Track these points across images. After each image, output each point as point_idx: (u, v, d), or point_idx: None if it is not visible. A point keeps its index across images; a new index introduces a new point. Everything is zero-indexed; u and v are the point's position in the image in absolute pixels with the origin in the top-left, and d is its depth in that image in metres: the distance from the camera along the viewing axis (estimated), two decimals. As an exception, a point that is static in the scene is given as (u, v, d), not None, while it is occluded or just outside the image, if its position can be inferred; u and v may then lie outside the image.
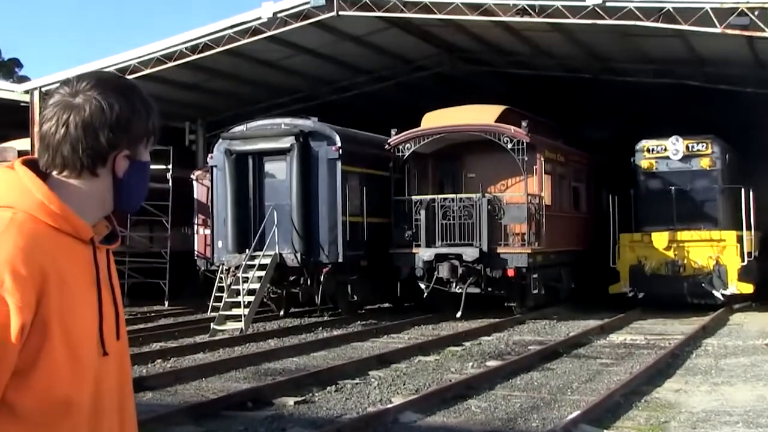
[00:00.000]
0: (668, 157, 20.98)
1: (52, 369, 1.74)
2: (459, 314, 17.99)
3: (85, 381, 1.80)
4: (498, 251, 18.35)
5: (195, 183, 23.17)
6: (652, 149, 21.16)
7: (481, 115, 19.51)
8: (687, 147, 20.83)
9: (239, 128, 19.57)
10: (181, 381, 11.05)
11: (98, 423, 1.84)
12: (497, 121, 19.08)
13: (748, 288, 19.76)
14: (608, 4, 16.86)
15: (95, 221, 1.91)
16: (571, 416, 8.33)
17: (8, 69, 48.15)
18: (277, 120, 19.71)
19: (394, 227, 19.45)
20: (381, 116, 23.86)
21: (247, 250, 18.19)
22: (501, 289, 18.85)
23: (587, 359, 12.99)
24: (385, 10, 18.90)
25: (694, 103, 24.01)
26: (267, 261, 17.84)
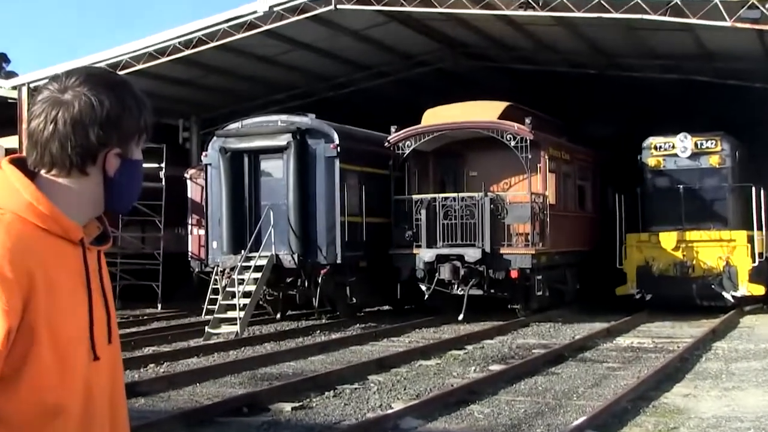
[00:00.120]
0: (676, 155, 20.98)
1: (40, 375, 1.74)
2: (461, 317, 18.01)
3: (75, 387, 1.80)
4: (501, 252, 18.36)
5: (189, 182, 23.17)
6: (660, 146, 21.16)
7: (484, 111, 19.52)
8: (696, 144, 20.83)
9: (234, 125, 19.57)
10: (174, 386, 11.06)
11: (89, 430, 1.83)
12: (500, 117, 19.08)
13: (759, 289, 19.77)
14: (614, -4, 16.89)
15: (85, 222, 1.90)
16: (576, 422, 8.34)
17: (-5, 64, 48.13)
18: (274, 117, 19.71)
19: (394, 227, 19.45)
20: (380, 113, 23.85)
21: (243, 251, 18.18)
22: (504, 291, 18.87)
23: (593, 363, 12.99)
24: (385, 4, 18.91)
25: (703, 99, 24.02)
26: (263, 262, 17.84)
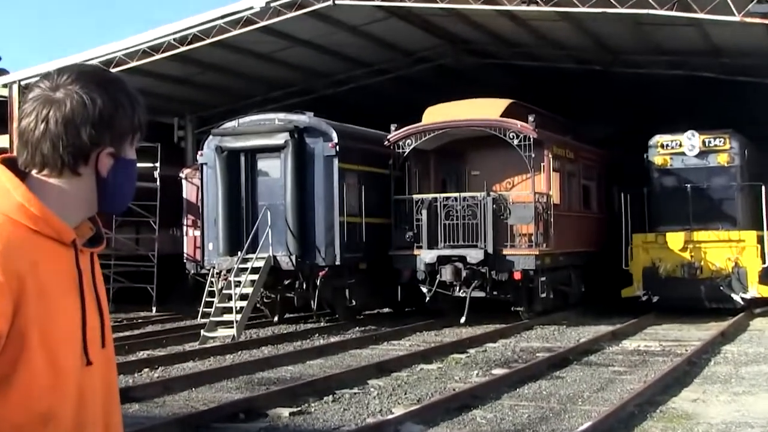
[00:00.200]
0: (684, 153, 20.97)
1: (31, 381, 1.73)
2: (463, 320, 18.01)
3: (67, 393, 1.79)
4: (504, 253, 18.36)
5: (184, 182, 23.19)
6: (667, 145, 21.15)
7: (486, 109, 19.52)
8: (703, 142, 20.83)
9: (231, 124, 19.57)
10: (169, 391, 11.05)
11: (81, 437, 1.83)
12: (503, 115, 19.08)
13: (769, 291, 19.78)
14: (620, -9, 16.89)
15: (78, 223, 1.89)
16: (582, 427, 8.34)
17: (-14, 62, 48.19)
18: (271, 115, 19.71)
19: (394, 228, 19.46)
20: (380, 111, 23.84)
21: (240, 252, 18.18)
22: (507, 293, 18.87)
23: (599, 367, 12.99)
24: (384, -1, 18.94)
25: (710, 96, 24.01)
26: (260, 264, 17.84)
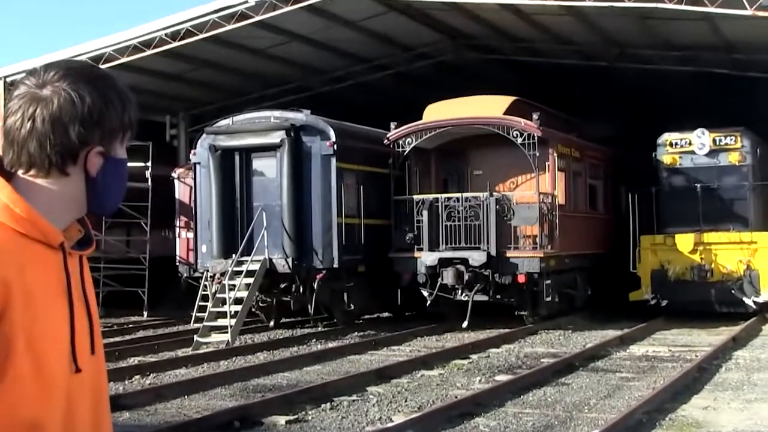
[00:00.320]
0: (693, 152, 20.97)
1: (17, 388, 1.73)
2: (465, 324, 18.00)
3: (55, 400, 1.79)
4: (507, 255, 18.36)
5: (176, 182, 23.18)
6: (676, 143, 21.15)
7: (489, 106, 19.52)
8: (714, 140, 20.82)
9: (225, 122, 19.58)
10: (161, 399, 11.04)
11: (70, 446, 1.82)
12: (506, 113, 19.09)
13: (782, 295, 19.78)
14: (627, -16, 16.90)
15: (66, 225, 1.89)
16: (588, 436, 8.32)
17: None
18: (266, 113, 19.72)
19: (394, 229, 19.46)
20: (379, 109, 23.87)
21: (234, 255, 18.17)
22: (511, 297, 18.87)
23: (606, 373, 12.99)
24: (384, -7, 18.96)
25: (721, 93, 24.02)
26: (255, 267, 17.84)
